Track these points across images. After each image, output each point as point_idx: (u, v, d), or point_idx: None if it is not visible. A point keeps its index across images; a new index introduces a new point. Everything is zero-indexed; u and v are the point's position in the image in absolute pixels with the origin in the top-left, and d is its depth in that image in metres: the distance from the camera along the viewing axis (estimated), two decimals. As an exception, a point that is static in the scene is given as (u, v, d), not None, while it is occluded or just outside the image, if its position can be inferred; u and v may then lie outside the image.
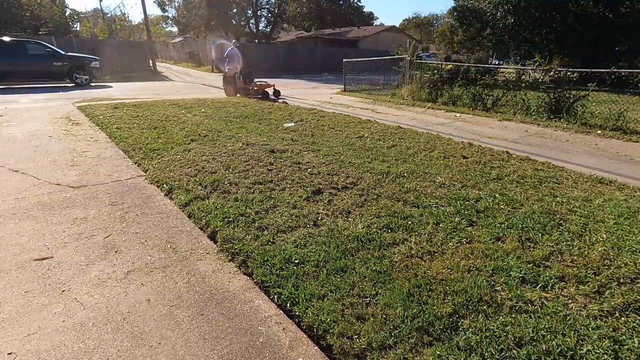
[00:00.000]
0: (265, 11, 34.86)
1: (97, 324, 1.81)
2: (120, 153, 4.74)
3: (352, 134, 5.81)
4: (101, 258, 2.38)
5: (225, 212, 2.90)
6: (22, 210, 3.03)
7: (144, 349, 1.67)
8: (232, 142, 5.13)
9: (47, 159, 4.41)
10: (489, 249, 2.44)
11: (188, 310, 1.92)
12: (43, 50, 13.11)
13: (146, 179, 3.78)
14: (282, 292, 2.00)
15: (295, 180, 3.66)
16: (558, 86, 8.06)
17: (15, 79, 13.04)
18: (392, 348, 1.64)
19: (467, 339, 1.69)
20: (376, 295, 1.98)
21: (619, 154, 5.30)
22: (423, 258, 2.36)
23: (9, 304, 1.93)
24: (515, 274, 2.17)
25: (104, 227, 2.79)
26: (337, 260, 2.29)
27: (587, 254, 2.41)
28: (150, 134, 5.52)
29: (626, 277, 2.16)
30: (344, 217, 2.92)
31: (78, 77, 13.50)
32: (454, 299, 1.94)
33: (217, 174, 3.76)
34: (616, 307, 1.91)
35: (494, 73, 9.89)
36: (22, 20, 23.43)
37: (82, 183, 3.66)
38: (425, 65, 11.40)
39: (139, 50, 21.03)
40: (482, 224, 2.82)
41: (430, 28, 68.67)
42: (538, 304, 1.93)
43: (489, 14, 19.21)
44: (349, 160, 4.36)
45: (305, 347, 1.70)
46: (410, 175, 3.90)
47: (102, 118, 6.82)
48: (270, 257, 2.31)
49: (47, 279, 2.15)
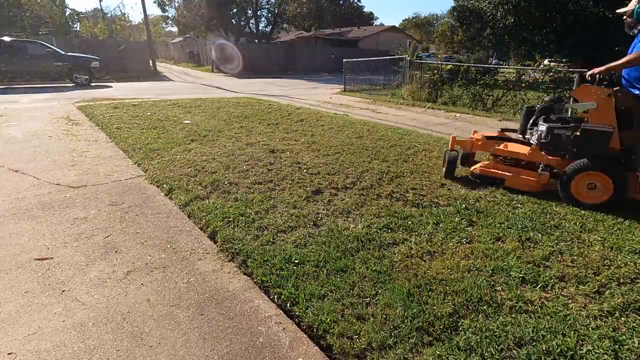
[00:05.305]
0: (265, 11, 34.85)
1: (97, 324, 1.81)
2: (120, 153, 4.74)
3: (352, 134, 5.81)
4: (101, 258, 2.38)
5: (225, 212, 2.90)
6: (22, 210, 3.03)
7: (144, 349, 1.67)
8: (232, 142, 5.13)
9: (47, 159, 4.41)
10: (489, 249, 2.44)
11: (188, 310, 1.92)
12: (43, 50, 13.11)
13: (146, 179, 3.78)
14: (282, 292, 2.00)
15: (295, 180, 3.66)
16: (558, 86, 8.06)
17: (15, 79, 13.05)
18: (392, 348, 1.64)
19: (467, 339, 1.69)
20: (376, 295, 1.98)
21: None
22: (423, 258, 2.36)
23: (9, 304, 1.93)
24: (515, 274, 2.17)
25: (104, 227, 2.79)
26: (337, 260, 2.29)
27: (587, 254, 2.42)
28: (150, 134, 5.52)
29: (626, 277, 2.17)
30: (344, 217, 2.92)
31: (78, 77, 13.49)
32: (454, 299, 1.94)
33: (217, 174, 3.76)
34: (616, 307, 1.91)
35: (494, 73, 9.89)
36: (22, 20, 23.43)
37: (82, 183, 3.66)
38: (425, 65, 11.41)
39: (139, 50, 21.02)
40: (482, 224, 2.82)
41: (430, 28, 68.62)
42: (538, 304, 1.93)
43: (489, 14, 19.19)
44: (348, 160, 4.36)
45: (305, 347, 1.70)
46: (411, 175, 3.90)
47: (102, 118, 6.82)
48: (270, 257, 2.31)
49: (47, 279, 2.15)
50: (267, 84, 16.44)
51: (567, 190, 3.24)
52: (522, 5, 17.41)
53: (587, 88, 3.23)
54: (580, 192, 3.22)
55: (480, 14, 20.30)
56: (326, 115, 7.72)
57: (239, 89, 13.94)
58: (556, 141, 3.32)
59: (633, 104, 3.12)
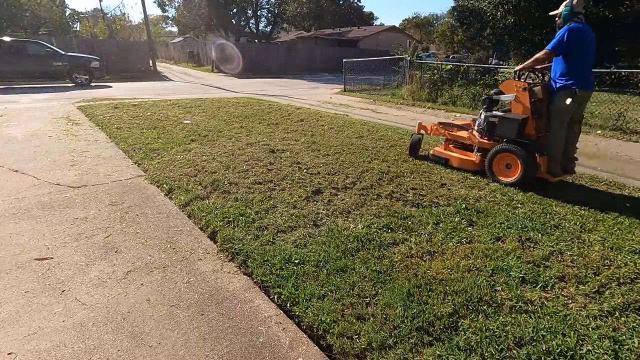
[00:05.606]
0: (265, 11, 34.81)
1: (97, 324, 1.81)
2: (120, 153, 4.74)
3: (352, 134, 5.81)
4: (101, 258, 2.38)
5: (225, 212, 2.90)
6: (22, 210, 3.03)
7: (144, 349, 1.67)
8: (232, 142, 5.13)
9: (47, 159, 4.41)
10: (489, 249, 2.44)
11: (188, 310, 1.92)
12: (43, 50, 13.10)
13: (146, 179, 3.78)
14: (282, 292, 2.00)
15: (295, 180, 3.66)
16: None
17: (15, 79, 13.04)
18: (392, 348, 1.64)
19: (467, 339, 1.69)
20: (376, 295, 1.98)
21: (619, 154, 5.30)
22: (423, 258, 2.36)
23: (9, 304, 1.93)
24: (515, 274, 2.17)
25: (104, 227, 2.79)
26: (337, 260, 2.29)
27: (587, 254, 2.42)
28: (150, 134, 5.52)
29: (626, 277, 2.17)
30: (344, 217, 2.92)
31: (78, 77, 13.49)
32: (454, 299, 1.94)
33: (217, 174, 3.76)
34: (616, 307, 1.91)
35: (494, 73, 9.89)
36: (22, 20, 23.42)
37: (82, 183, 3.66)
38: (425, 65, 11.41)
39: (139, 50, 21.02)
40: (482, 224, 2.82)
41: (430, 28, 68.58)
42: (538, 304, 1.93)
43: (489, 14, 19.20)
44: (348, 160, 4.36)
45: (305, 347, 1.70)
46: (411, 175, 3.90)
47: (102, 118, 6.82)
48: (270, 257, 2.31)
49: (47, 279, 2.15)
50: (267, 84, 16.45)
51: (490, 169, 3.82)
52: (522, 5, 17.41)
53: (510, 83, 3.76)
54: (500, 171, 3.79)
55: (480, 14, 20.30)
56: (326, 115, 7.72)
57: (239, 89, 13.94)
58: (488, 127, 3.89)
59: (545, 97, 3.53)
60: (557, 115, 3.45)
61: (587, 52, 3.43)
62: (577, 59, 3.38)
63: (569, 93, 3.35)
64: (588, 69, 3.52)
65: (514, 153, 3.58)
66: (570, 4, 3.37)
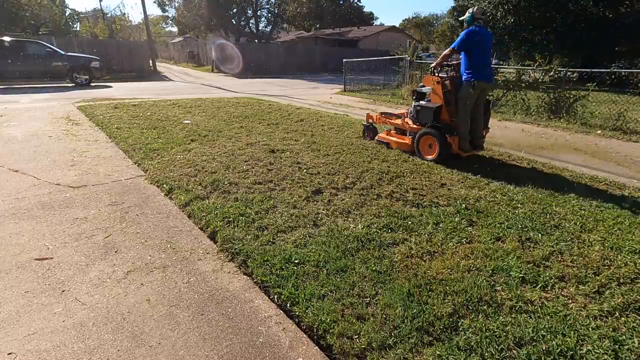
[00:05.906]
0: (265, 11, 34.77)
1: (97, 324, 1.81)
2: (120, 153, 4.74)
3: (352, 134, 5.81)
4: (101, 258, 2.38)
5: (225, 212, 2.90)
6: (22, 210, 3.03)
7: (144, 349, 1.67)
8: (232, 142, 5.13)
9: (47, 159, 4.41)
10: (489, 249, 2.44)
11: (188, 310, 1.92)
12: (43, 50, 13.10)
13: (146, 179, 3.78)
14: (282, 292, 2.00)
15: (295, 180, 3.66)
16: (558, 86, 8.06)
17: (15, 79, 13.04)
18: (392, 348, 1.64)
19: (467, 339, 1.69)
20: (376, 295, 1.98)
21: (619, 153, 5.30)
22: (423, 258, 2.36)
23: (9, 304, 1.93)
24: (515, 274, 2.17)
25: (104, 227, 2.79)
26: (337, 260, 2.29)
27: (587, 254, 2.42)
28: (150, 134, 5.52)
29: (626, 277, 2.17)
30: (344, 217, 2.92)
31: (78, 77, 13.48)
32: (454, 299, 1.94)
33: (217, 174, 3.76)
34: (616, 307, 1.91)
35: (494, 73, 9.87)
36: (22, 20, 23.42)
37: (82, 183, 3.66)
38: (425, 66, 11.40)
39: (139, 51, 21.02)
40: (482, 224, 2.82)
41: (430, 28, 68.55)
42: (538, 304, 1.93)
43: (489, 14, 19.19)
44: (348, 160, 4.36)
45: (305, 347, 1.70)
46: (411, 175, 3.90)
47: (102, 118, 6.82)
48: (270, 257, 2.31)
49: (47, 279, 2.15)
50: (267, 84, 16.44)
51: (418, 149, 4.58)
52: (522, 5, 17.41)
53: (428, 77, 4.58)
54: (425, 150, 4.54)
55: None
56: (326, 115, 7.72)
57: (239, 89, 13.94)
58: (416, 114, 4.64)
59: (453, 88, 4.31)
60: (462, 103, 4.24)
61: (484, 51, 4.21)
62: (477, 57, 4.14)
63: (470, 84, 4.13)
64: (487, 65, 4.31)
65: (432, 135, 4.35)
66: (472, 12, 4.15)
